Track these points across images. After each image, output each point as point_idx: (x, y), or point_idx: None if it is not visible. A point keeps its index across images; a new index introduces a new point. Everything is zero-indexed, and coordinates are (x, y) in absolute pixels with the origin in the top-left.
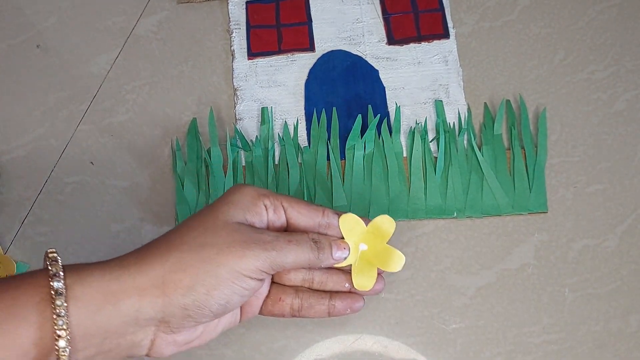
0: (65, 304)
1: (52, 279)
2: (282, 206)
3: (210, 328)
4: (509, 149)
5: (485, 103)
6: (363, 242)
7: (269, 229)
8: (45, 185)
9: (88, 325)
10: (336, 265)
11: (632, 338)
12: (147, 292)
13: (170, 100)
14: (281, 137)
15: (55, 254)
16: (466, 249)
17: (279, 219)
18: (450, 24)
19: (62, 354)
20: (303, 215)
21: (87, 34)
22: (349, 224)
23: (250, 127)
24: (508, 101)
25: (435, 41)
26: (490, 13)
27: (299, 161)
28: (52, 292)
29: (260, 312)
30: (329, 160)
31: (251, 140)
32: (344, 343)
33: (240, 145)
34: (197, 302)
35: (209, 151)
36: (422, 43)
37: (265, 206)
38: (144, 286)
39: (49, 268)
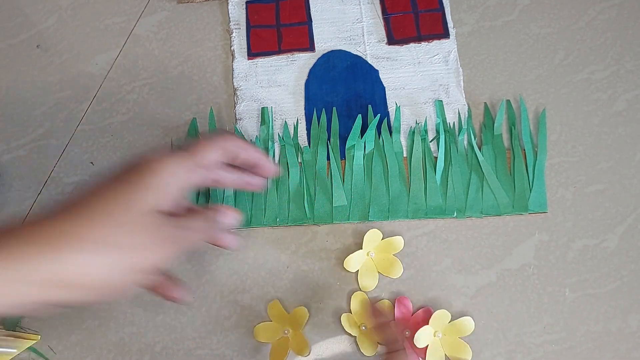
0: None
1: None
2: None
3: None
4: (509, 149)
5: (485, 103)
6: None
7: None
8: (45, 185)
9: None
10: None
11: (631, 338)
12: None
13: (170, 100)
14: (281, 137)
15: None
16: (466, 249)
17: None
18: (450, 24)
19: None
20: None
21: (87, 34)
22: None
23: (250, 127)
24: (508, 101)
25: (435, 41)
26: (490, 13)
27: (299, 161)
28: None
29: None
30: (329, 160)
31: (251, 140)
32: (344, 343)
33: None
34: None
35: None
36: (422, 43)
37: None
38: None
39: None
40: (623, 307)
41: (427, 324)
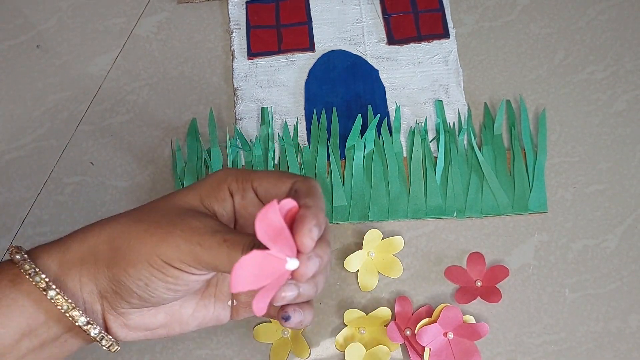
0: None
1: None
2: (253, 188)
3: (177, 319)
4: (509, 149)
5: (485, 103)
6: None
7: (237, 215)
8: (45, 186)
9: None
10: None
11: (631, 338)
12: (86, 261)
13: (170, 101)
14: (281, 137)
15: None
16: (466, 249)
17: (252, 203)
18: (450, 24)
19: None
20: (271, 187)
21: (87, 35)
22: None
23: (250, 127)
24: (508, 101)
25: (435, 41)
26: (490, 13)
27: (299, 161)
28: (27, 274)
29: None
30: (329, 160)
31: (251, 140)
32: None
33: (240, 146)
34: (117, 276)
35: (209, 151)
36: (422, 43)
37: (231, 191)
38: (84, 255)
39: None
40: (623, 307)
41: (428, 322)
